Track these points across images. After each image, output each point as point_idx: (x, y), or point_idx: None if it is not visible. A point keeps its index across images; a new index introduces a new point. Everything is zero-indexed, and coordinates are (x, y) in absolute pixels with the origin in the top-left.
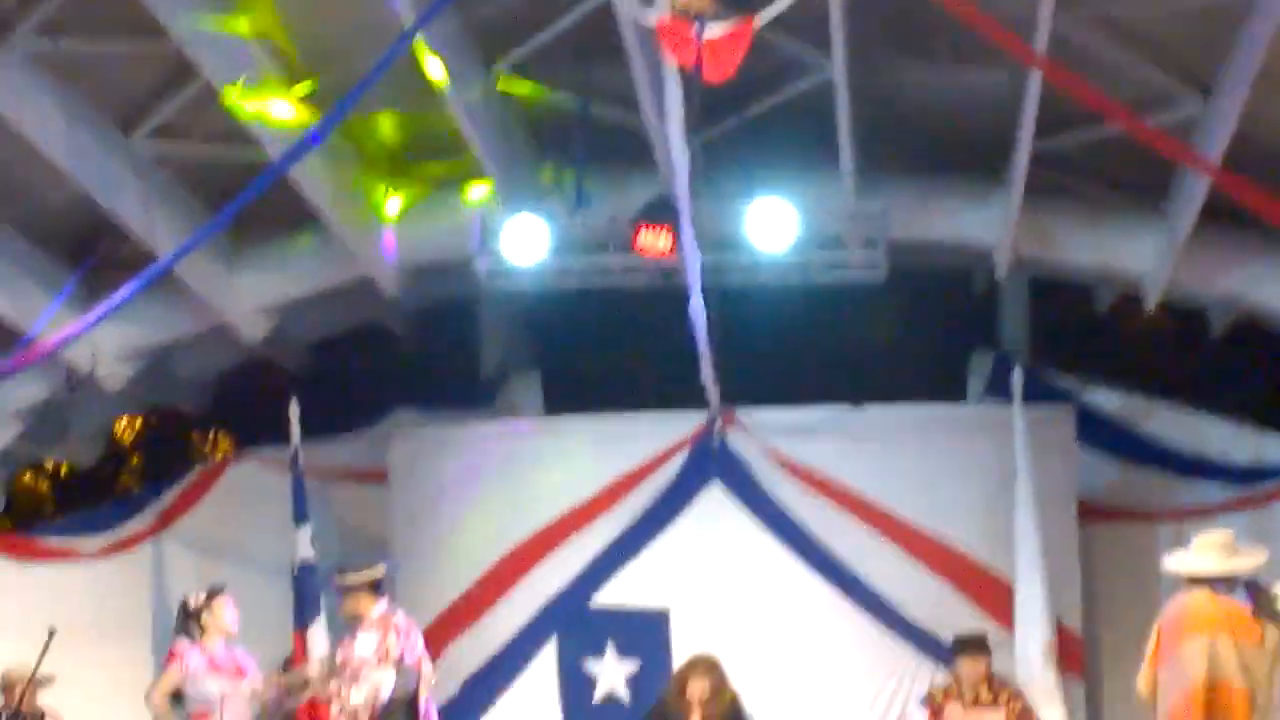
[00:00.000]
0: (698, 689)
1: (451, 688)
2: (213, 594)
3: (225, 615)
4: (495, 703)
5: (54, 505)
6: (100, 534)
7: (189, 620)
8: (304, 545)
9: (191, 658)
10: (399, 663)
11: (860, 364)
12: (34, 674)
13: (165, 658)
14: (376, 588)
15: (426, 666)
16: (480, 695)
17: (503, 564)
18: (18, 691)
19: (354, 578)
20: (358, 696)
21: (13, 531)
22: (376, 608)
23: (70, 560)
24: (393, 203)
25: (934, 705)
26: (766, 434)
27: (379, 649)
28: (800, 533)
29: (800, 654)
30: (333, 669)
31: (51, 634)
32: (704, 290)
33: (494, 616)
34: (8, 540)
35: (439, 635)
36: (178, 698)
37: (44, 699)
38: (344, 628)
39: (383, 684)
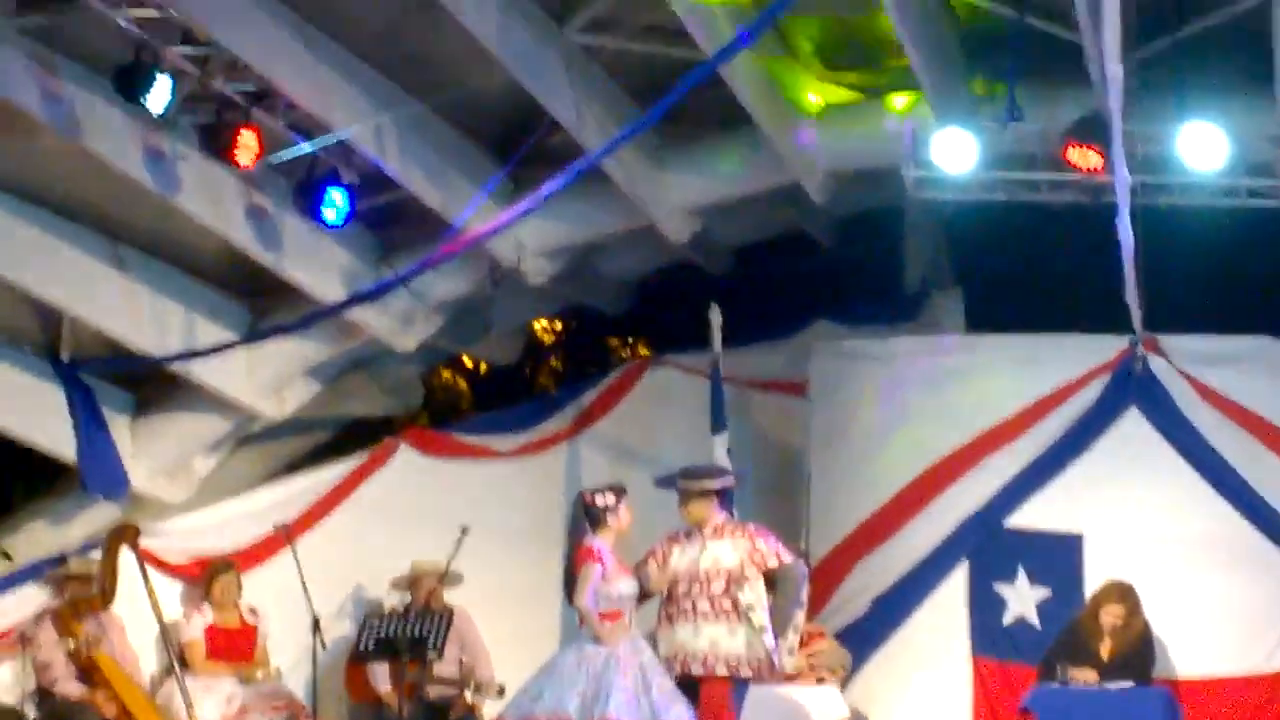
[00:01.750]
0: (1111, 615)
1: (861, 605)
2: (620, 494)
3: (629, 515)
4: (904, 622)
5: (471, 402)
6: (516, 433)
7: (592, 516)
8: (720, 454)
9: (606, 556)
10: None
11: None
12: (445, 571)
13: (577, 556)
14: (723, 497)
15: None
16: (889, 614)
17: (918, 482)
18: (425, 586)
19: (706, 483)
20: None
21: (430, 427)
22: (718, 516)
23: (485, 458)
24: (820, 106)
25: None
26: (1189, 361)
27: (750, 554)
28: (1219, 463)
29: (1211, 585)
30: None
31: (464, 531)
32: (1131, 211)
33: (906, 535)
34: (425, 436)
35: (851, 551)
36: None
37: (451, 597)
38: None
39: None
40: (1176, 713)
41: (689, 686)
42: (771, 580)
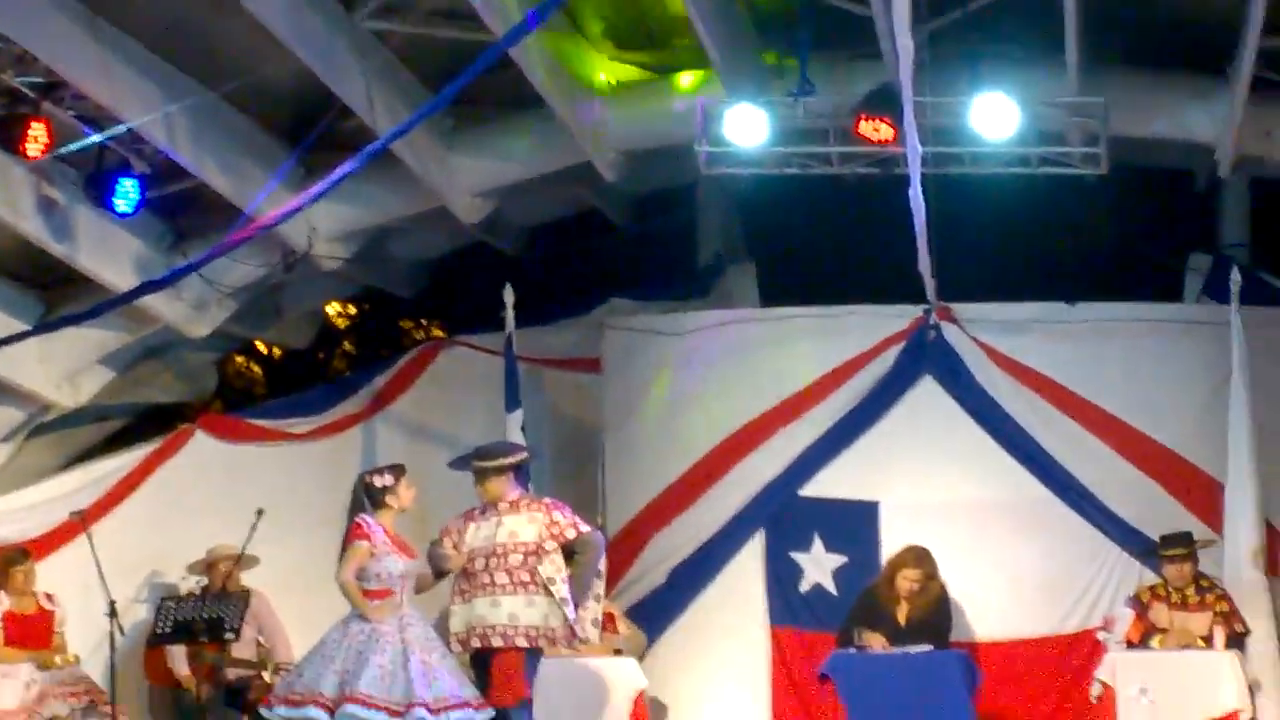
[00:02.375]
0: (908, 579)
1: (659, 576)
2: (399, 473)
3: (409, 493)
4: (702, 592)
5: (265, 387)
6: (311, 416)
7: (372, 496)
8: (515, 432)
9: (377, 535)
10: (578, 535)
11: (1076, 261)
12: (241, 553)
13: (348, 534)
14: (518, 472)
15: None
16: (687, 584)
17: (713, 454)
18: (222, 570)
19: (500, 460)
20: (550, 569)
21: (224, 413)
22: (514, 491)
23: (280, 442)
24: (611, 86)
25: (1140, 605)
26: (982, 328)
27: (548, 527)
28: (1012, 427)
29: (1007, 547)
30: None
31: (260, 514)
32: (923, 182)
33: (703, 506)
34: (220, 421)
35: (648, 523)
36: (359, 576)
37: (248, 580)
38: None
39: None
40: (974, 674)
41: (484, 660)
42: (569, 552)
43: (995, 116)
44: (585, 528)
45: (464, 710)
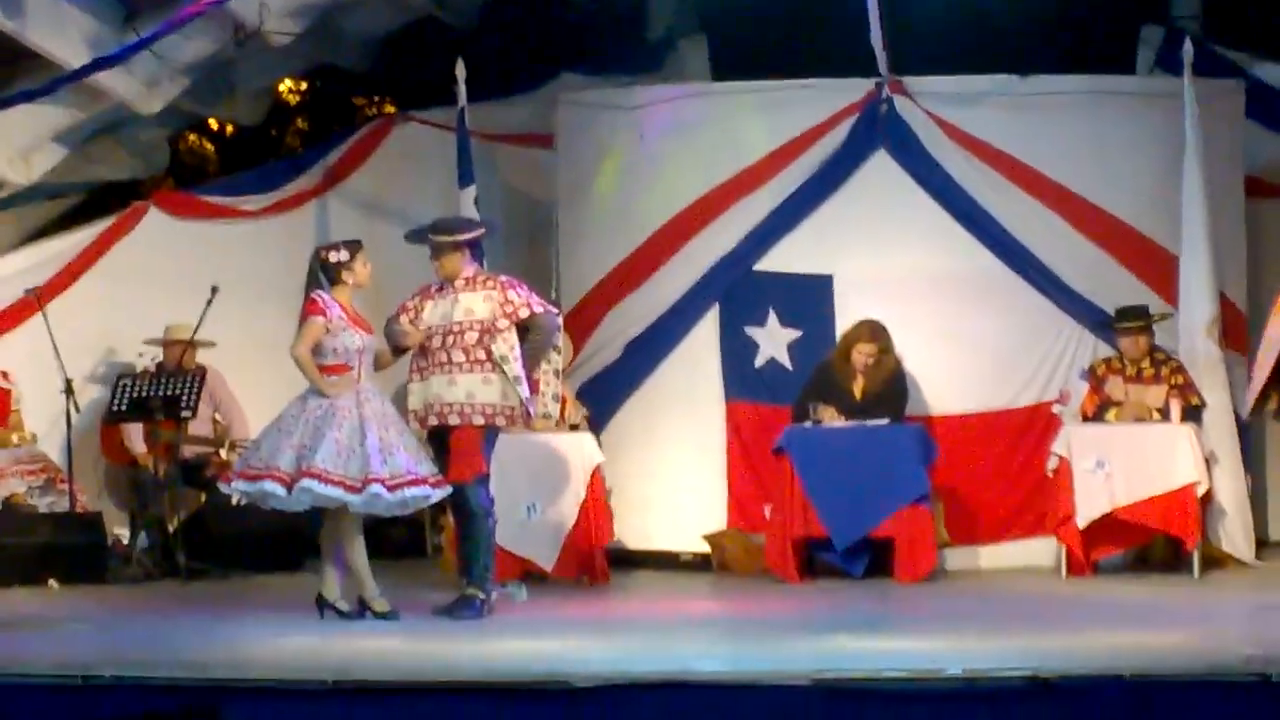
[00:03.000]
0: (862, 354)
1: (613, 352)
2: (355, 248)
3: (365, 270)
4: (657, 368)
5: (218, 165)
6: (265, 193)
7: (327, 272)
8: (468, 207)
9: (332, 310)
10: (531, 314)
11: (1029, 33)
12: (195, 330)
13: (303, 310)
14: (474, 249)
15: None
16: (642, 360)
17: (666, 229)
18: (176, 347)
19: (456, 236)
20: (503, 347)
21: (177, 190)
22: (470, 268)
23: (234, 218)
24: None
25: (1095, 377)
26: (933, 101)
27: (502, 306)
28: (965, 200)
29: (963, 321)
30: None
31: (215, 291)
32: None
33: (657, 282)
34: (173, 198)
35: (602, 299)
36: (315, 351)
37: (204, 358)
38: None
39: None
40: (931, 448)
41: (441, 437)
42: (524, 331)
43: None
44: (539, 307)
45: (420, 487)
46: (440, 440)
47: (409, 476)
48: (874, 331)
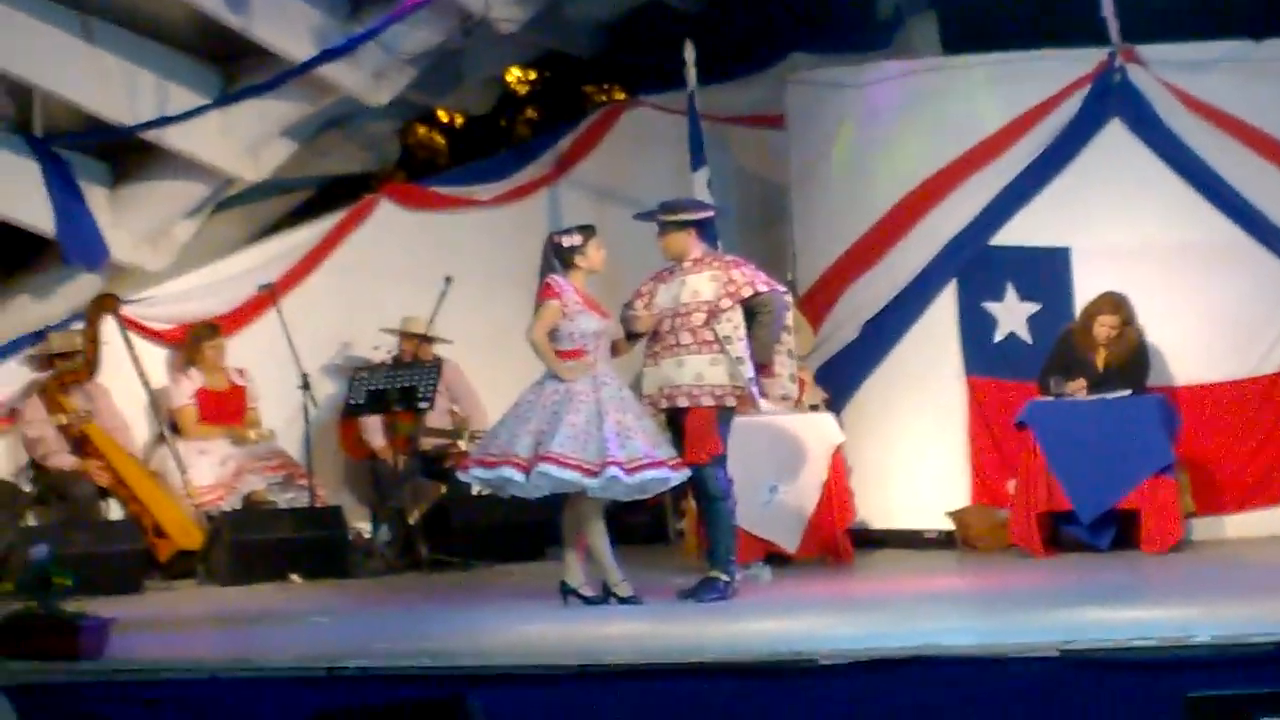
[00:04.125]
0: (1105, 326)
1: (851, 331)
2: (588, 233)
3: (599, 254)
4: (895, 346)
5: (448, 156)
6: (496, 182)
7: (560, 256)
8: (701, 190)
9: (568, 293)
10: (756, 294)
11: None
12: (431, 321)
13: (538, 294)
14: (702, 230)
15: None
16: (880, 338)
17: (901, 206)
18: (412, 339)
19: (683, 215)
20: (726, 327)
21: (408, 181)
22: (697, 249)
23: (466, 208)
24: None
25: None
26: (1167, 69)
27: (725, 285)
28: (1202, 168)
29: (1202, 290)
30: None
31: (448, 282)
32: None
33: (892, 259)
34: (405, 190)
35: (838, 279)
36: (551, 336)
37: (439, 350)
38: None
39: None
40: (1175, 418)
41: (676, 420)
42: (751, 312)
43: None
44: (764, 286)
45: (659, 469)
46: (675, 423)
47: (646, 460)
48: (1116, 304)
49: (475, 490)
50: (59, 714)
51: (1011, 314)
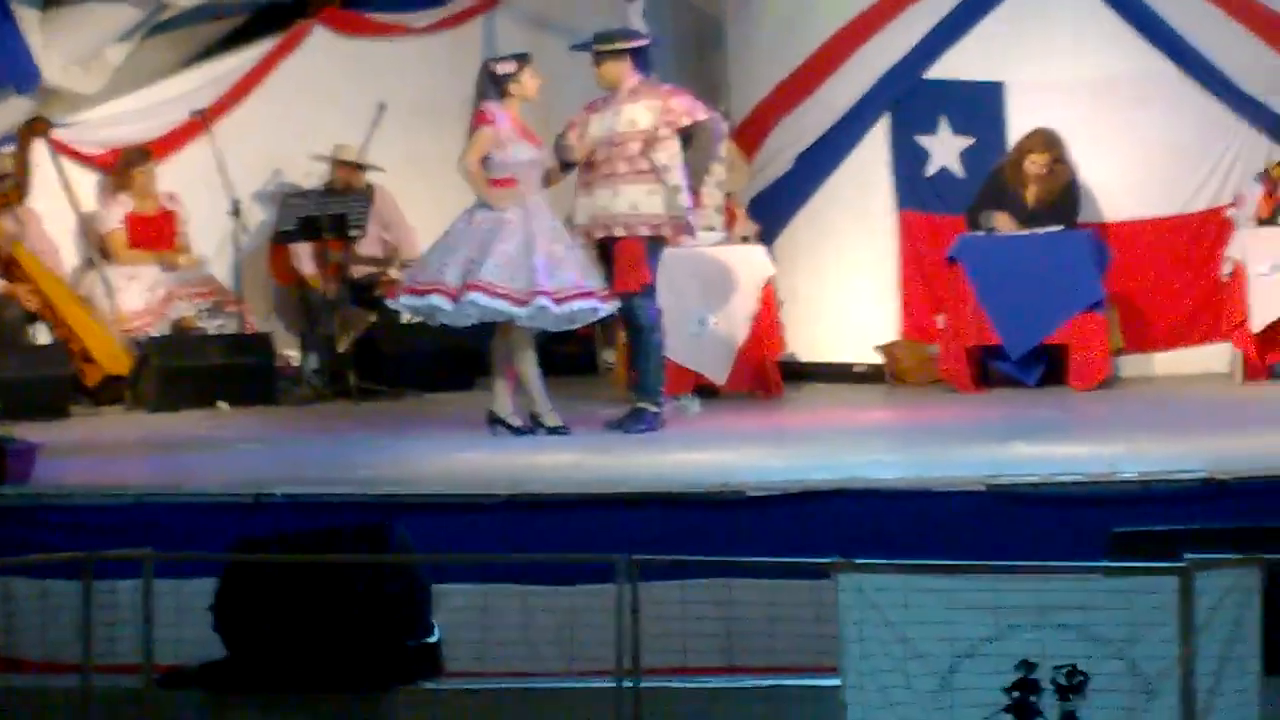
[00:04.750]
0: (1036, 163)
1: (784, 164)
2: (523, 61)
3: (533, 83)
4: (828, 178)
5: None
6: (431, 9)
7: (495, 85)
8: (636, 20)
9: (502, 121)
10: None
11: None
12: (363, 149)
13: (472, 121)
14: (637, 58)
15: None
16: (813, 171)
17: (836, 38)
18: (344, 166)
19: (619, 44)
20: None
21: (343, 7)
22: (633, 79)
23: (401, 35)
24: None
25: (1270, 180)
26: None
27: (663, 114)
28: (1137, 3)
29: (1135, 126)
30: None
31: (382, 109)
32: None
33: (826, 92)
34: (339, 16)
35: (771, 111)
36: (483, 164)
37: (371, 177)
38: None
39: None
40: (1104, 253)
41: (607, 249)
42: (687, 139)
43: None
44: (703, 114)
45: (588, 300)
46: (607, 254)
47: (576, 290)
48: (1047, 140)
49: (405, 319)
50: None
51: (944, 148)
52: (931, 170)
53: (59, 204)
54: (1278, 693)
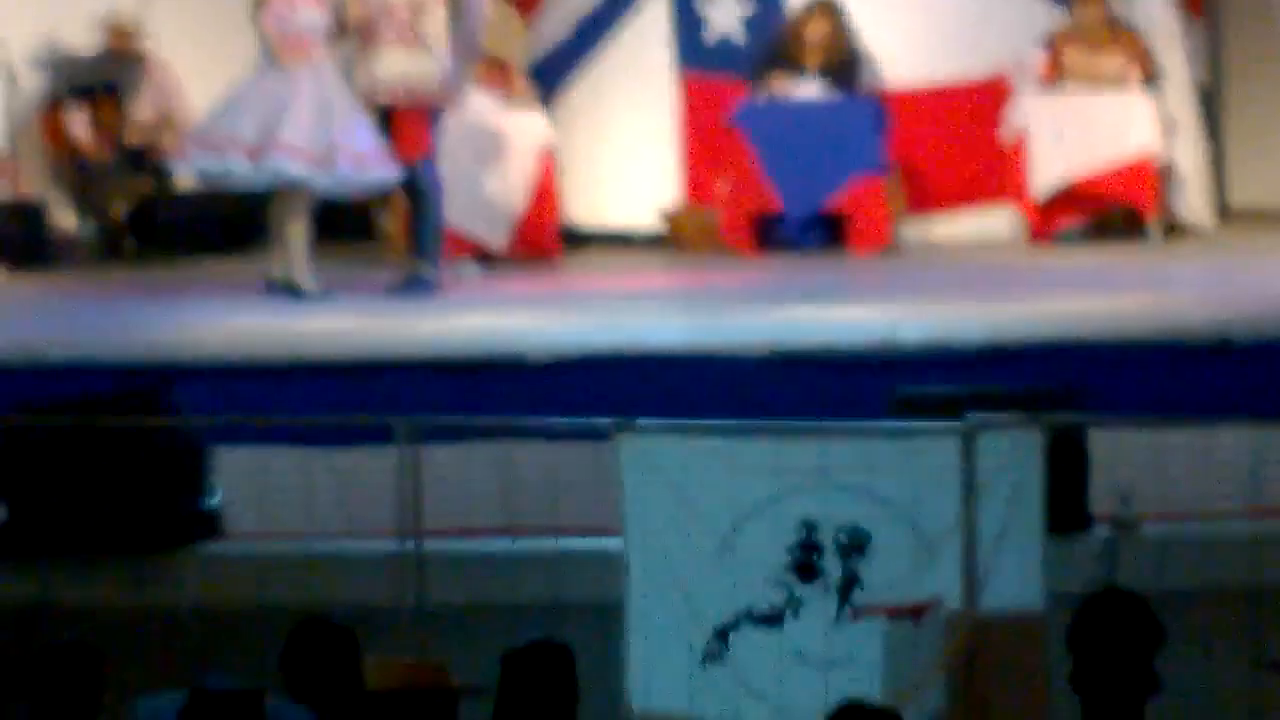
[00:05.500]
0: (816, 31)
1: (563, 29)
2: None
3: None
4: (607, 43)
5: None
6: None
7: None
8: None
9: None
10: None
11: None
12: (139, 16)
13: None
14: None
15: None
16: (592, 36)
17: None
18: (122, 33)
19: None
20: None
21: None
22: None
23: None
24: None
25: (1053, 48)
26: None
27: None
28: None
29: None
30: None
31: None
32: None
33: None
34: None
35: None
36: None
37: (147, 42)
38: None
39: None
40: (883, 118)
41: (385, 118)
42: (457, 8)
43: None
44: None
45: (384, 168)
46: (384, 121)
47: (371, 153)
48: (827, 6)
49: (182, 185)
50: None
51: (724, 13)
52: (712, 36)
53: None
54: (1060, 553)
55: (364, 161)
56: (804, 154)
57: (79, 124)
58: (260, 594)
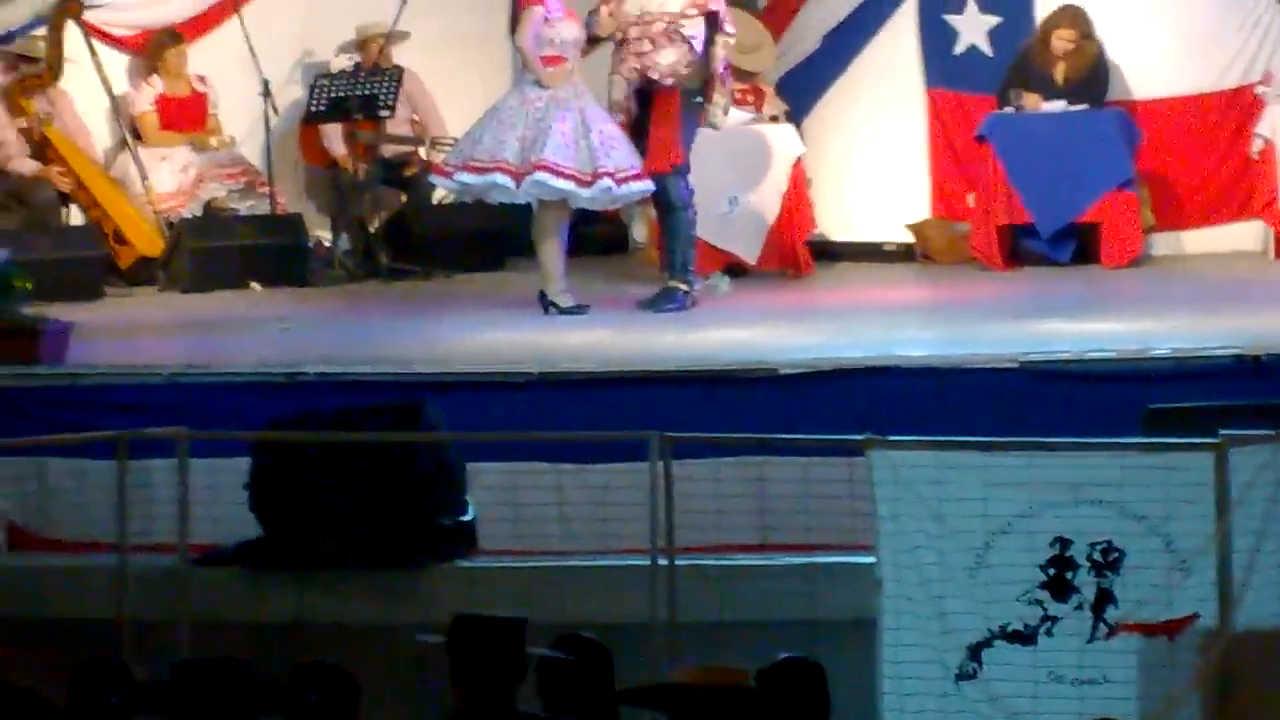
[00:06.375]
0: (1063, 40)
1: (812, 43)
2: None
3: None
4: (856, 58)
5: None
6: None
7: None
8: None
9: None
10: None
11: None
12: (392, 29)
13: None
14: None
15: None
16: (841, 50)
17: None
18: (373, 46)
19: None
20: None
21: None
22: None
23: None
24: None
25: None
26: None
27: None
28: None
29: (1164, 6)
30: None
31: None
32: None
33: None
34: None
35: None
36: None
37: (400, 55)
38: None
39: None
40: (1134, 132)
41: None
42: (714, 25)
43: None
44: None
45: (641, 181)
46: (639, 128)
47: (631, 171)
48: (1075, 16)
49: (436, 199)
50: (19, 417)
51: (972, 26)
52: (959, 49)
53: (91, 87)
54: None
55: (628, 179)
56: (1054, 167)
57: (335, 138)
58: (513, 610)
